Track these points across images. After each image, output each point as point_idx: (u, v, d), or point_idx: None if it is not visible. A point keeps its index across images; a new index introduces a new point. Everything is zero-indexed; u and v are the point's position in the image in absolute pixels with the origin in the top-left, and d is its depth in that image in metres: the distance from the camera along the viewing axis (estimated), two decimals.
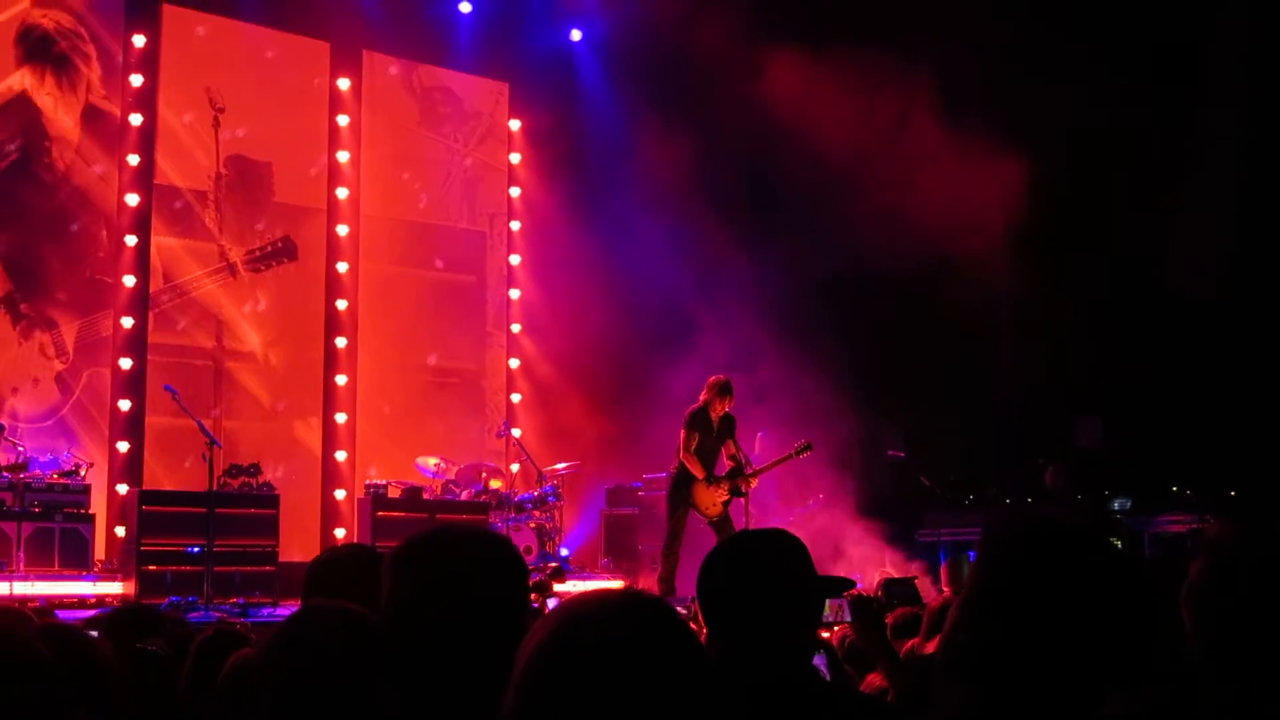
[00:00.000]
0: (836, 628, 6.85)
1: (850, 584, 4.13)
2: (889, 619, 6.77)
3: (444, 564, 2.72)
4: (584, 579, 15.75)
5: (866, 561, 14.62)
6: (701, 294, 16.75)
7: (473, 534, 2.84)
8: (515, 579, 2.78)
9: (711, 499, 13.47)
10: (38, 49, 15.51)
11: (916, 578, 11.45)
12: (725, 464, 13.81)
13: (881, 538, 15.23)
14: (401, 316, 18.12)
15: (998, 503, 15.75)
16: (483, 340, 19.03)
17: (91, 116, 15.78)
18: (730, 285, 16.81)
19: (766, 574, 3.37)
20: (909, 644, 6.29)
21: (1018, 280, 16.72)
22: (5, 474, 13.27)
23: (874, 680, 5.44)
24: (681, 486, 13.57)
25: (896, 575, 12.85)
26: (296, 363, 17.17)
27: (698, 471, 13.43)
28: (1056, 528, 2.42)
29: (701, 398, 13.63)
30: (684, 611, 7.18)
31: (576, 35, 19.24)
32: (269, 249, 16.97)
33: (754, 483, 13.69)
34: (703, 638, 3.41)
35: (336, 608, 2.93)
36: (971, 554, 14.36)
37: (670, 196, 17.00)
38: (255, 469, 14.87)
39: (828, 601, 8.97)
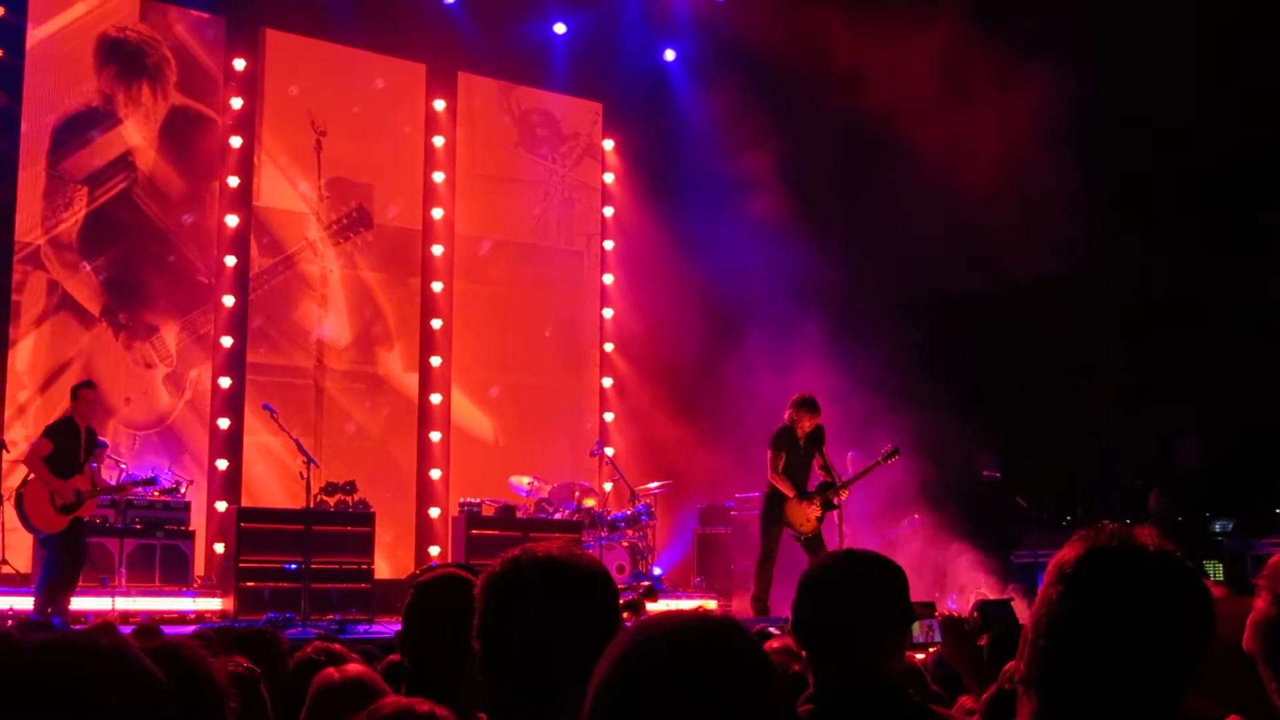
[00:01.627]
0: (929, 649, 6.79)
1: (931, 607, 4.13)
2: (983, 640, 6.70)
3: (534, 585, 2.72)
4: (677, 598, 15.74)
5: (961, 583, 14.48)
6: (795, 314, 16.68)
7: (562, 554, 2.82)
8: (604, 599, 2.77)
9: (804, 516, 13.36)
10: (132, 63, 15.81)
11: (1013, 599, 11.31)
12: (819, 477, 13.71)
13: (977, 559, 15.07)
14: (496, 336, 18.24)
15: (1094, 524, 15.54)
16: (576, 360, 19.10)
17: (190, 138, 16.04)
18: (824, 305, 16.74)
19: (864, 598, 3.37)
20: (1008, 666, 6.22)
21: (1116, 299, 16.55)
22: (108, 492, 13.46)
23: (965, 703, 5.39)
24: (774, 505, 13.49)
25: (992, 597, 12.71)
26: (393, 382, 17.33)
27: (787, 490, 13.34)
28: (1127, 548, 2.39)
29: (786, 416, 13.56)
30: (776, 632, 7.15)
31: (670, 55, 19.28)
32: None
33: (845, 494, 13.54)
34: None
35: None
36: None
37: (764, 214, 16.97)
38: (351, 486, 15.00)
39: (918, 622, 8.91)
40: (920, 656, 6.40)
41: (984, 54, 15.12)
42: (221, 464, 15.77)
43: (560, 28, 18.48)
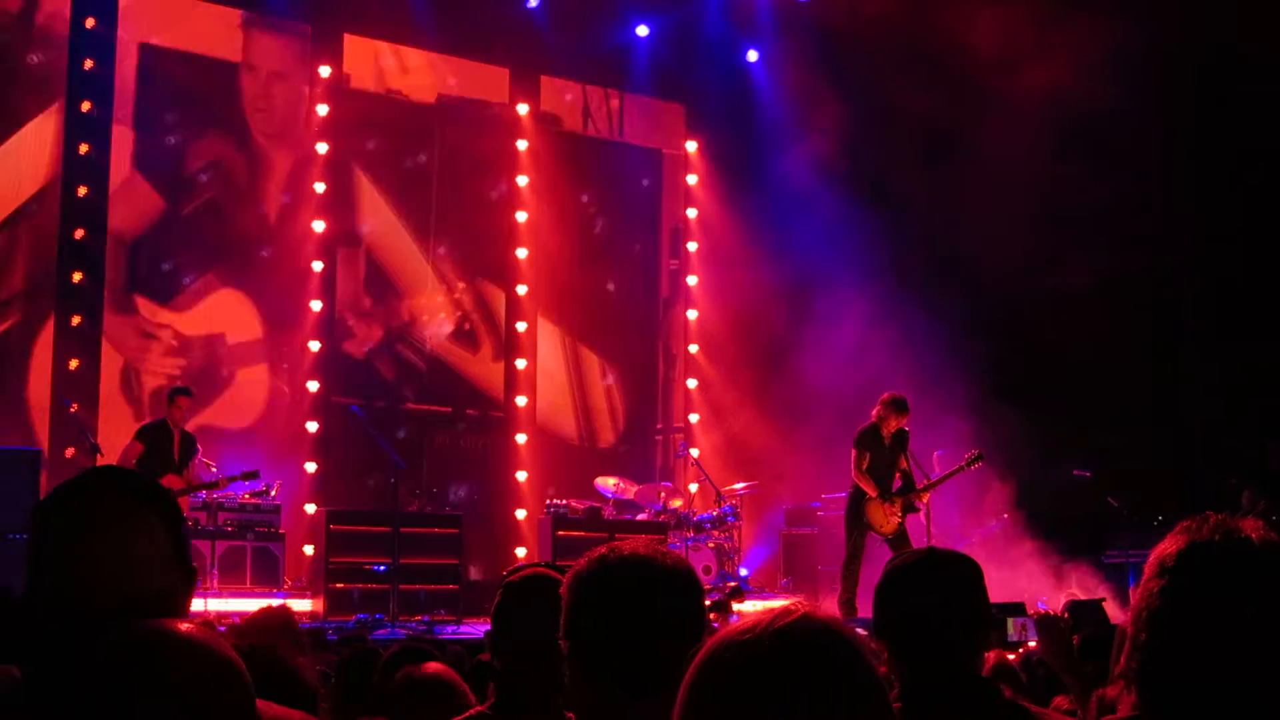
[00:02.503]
0: (1021, 648, 6.73)
1: (1017, 609, 4.10)
2: (1074, 640, 6.63)
3: (622, 583, 2.71)
4: (763, 599, 15.69)
5: (1051, 583, 14.34)
6: (881, 312, 16.59)
7: (649, 552, 2.81)
8: (691, 597, 2.76)
9: (885, 517, 13.24)
10: (222, 83, 16.05)
11: (1104, 599, 11.18)
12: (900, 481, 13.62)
13: (1067, 559, 14.91)
14: (580, 338, 18.31)
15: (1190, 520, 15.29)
16: (661, 361, 19.10)
17: (280, 147, 16.22)
18: (912, 304, 16.63)
19: (943, 594, 3.36)
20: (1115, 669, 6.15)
21: (1209, 295, 16.33)
22: (200, 494, 13.63)
23: (1061, 703, 5.33)
24: (856, 505, 13.41)
25: (1082, 597, 12.58)
26: (479, 383, 17.44)
27: (870, 489, 13.23)
28: (1231, 540, 2.35)
29: (873, 414, 13.46)
30: (864, 633, 7.10)
31: (753, 56, 19.22)
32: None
33: (926, 498, 13.44)
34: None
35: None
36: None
37: (847, 213, 16.90)
38: (439, 489, 15.08)
39: (1010, 620, 8.84)
40: (1011, 656, 6.35)
41: (1071, 41, 14.98)
42: (310, 466, 15.91)
43: (643, 30, 18.48)
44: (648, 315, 19.21)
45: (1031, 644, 7.45)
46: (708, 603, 2.95)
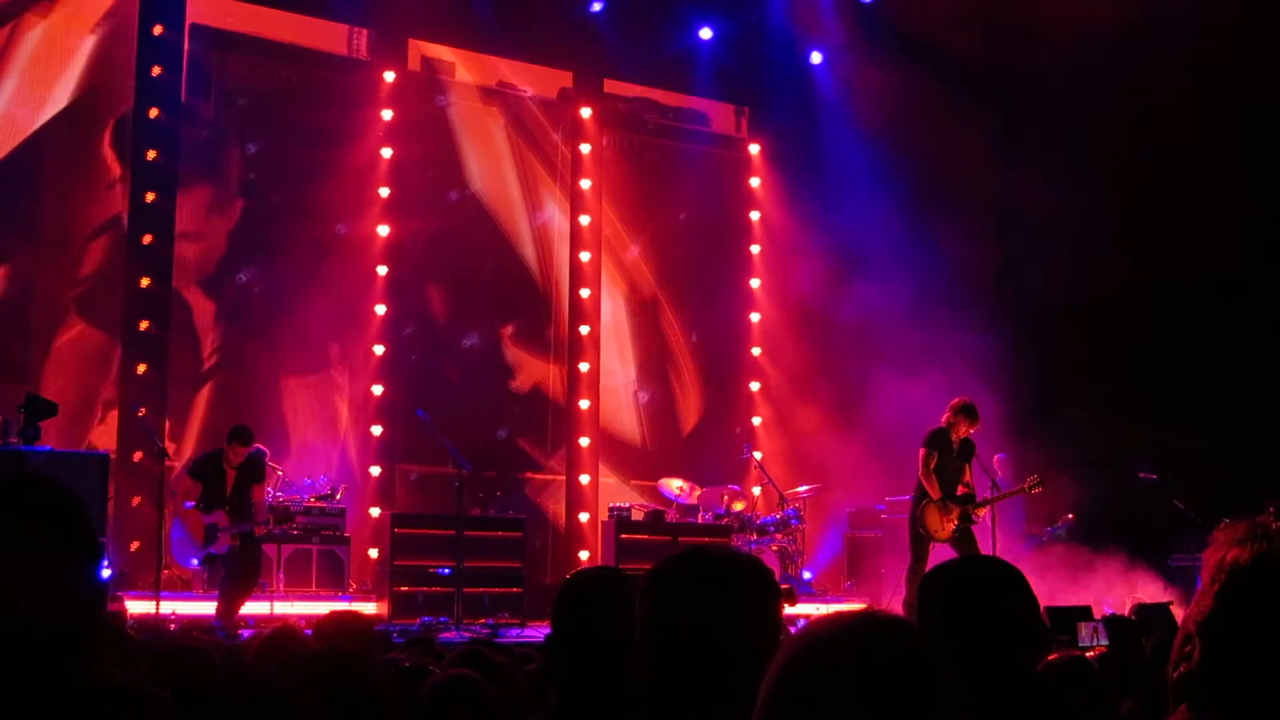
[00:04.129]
0: (1090, 652, 6.67)
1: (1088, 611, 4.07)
2: (1146, 643, 6.57)
3: (701, 586, 2.69)
4: (827, 602, 15.66)
5: (1117, 587, 14.21)
6: (944, 314, 16.50)
7: (727, 552, 2.82)
8: (770, 600, 2.74)
9: (941, 522, 13.16)
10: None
11: (1171, 603, 11.07)
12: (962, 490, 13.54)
13: (1133, 563, 14.78)
14: (643, 342, 18.34)
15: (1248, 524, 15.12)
16: (725, 364, 19.06)
17: (342, 150, 16.31)
18: (974, 306, 16.55)
19: (975, 604, 3.34)
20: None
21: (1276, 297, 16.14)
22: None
23: (1133, 706, 5.28)
24: (917, 508, 13.34)
25: (1148, 601, 12.46)
26: (540, 388, 17.49)
27: (934, 491, 13.13)
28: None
29: (944, 419, 13.36)
30: None
31: (817, 58, 19.14)
32: None
33: (982, 513, 13.34)
34: None
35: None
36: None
37: (912, 215, 16.84)
38: (500, 493, 15.11)
39: (1080, 625, 8.76)
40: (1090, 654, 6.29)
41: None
42: (375, 470, 15.99)
43: (706, 33, 18.46)
44: (716, 319, 19.12)
45: (1102, 647, 7.38)
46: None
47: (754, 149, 19.52)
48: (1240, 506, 15.16)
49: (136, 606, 12.25)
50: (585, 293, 17.84)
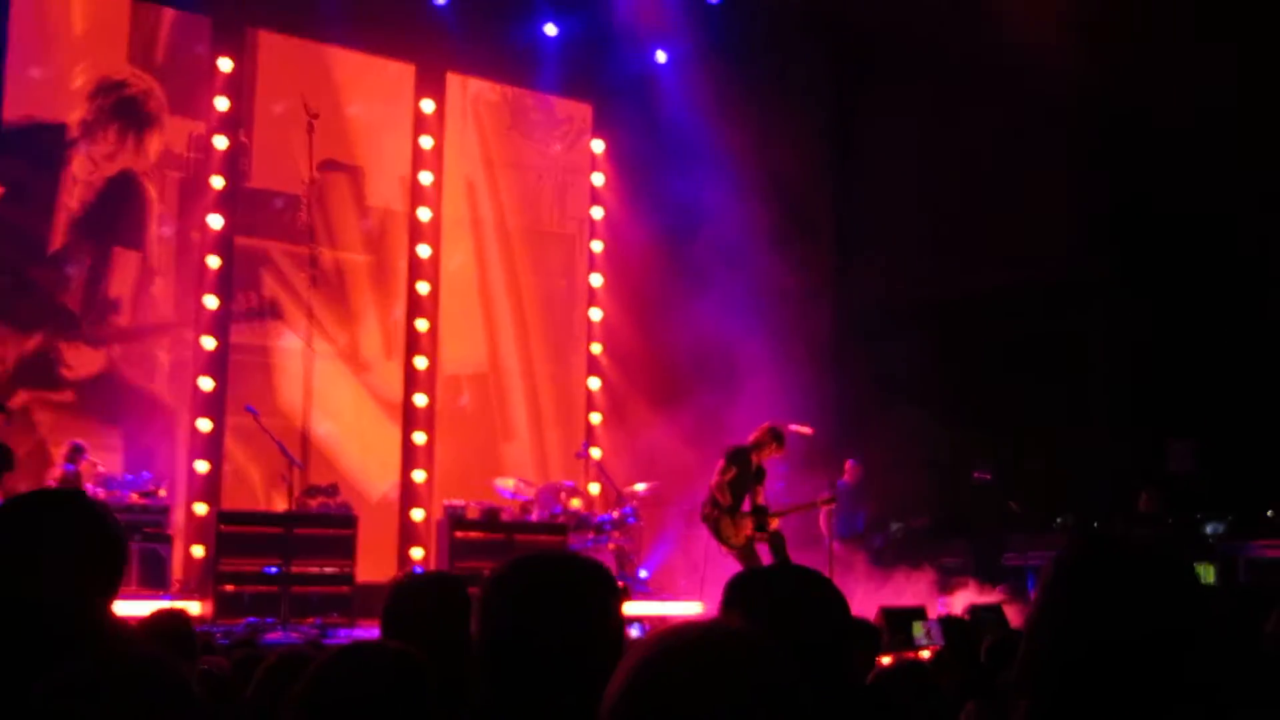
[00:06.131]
0: (927, 650, 6.66)
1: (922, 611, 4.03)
2: (984, 645, 6.57)
3: (542, 591, 2.67)
4: (662, 600, 15.68)
5: (949, 585, 14.38)
6: (788, 317, 16.59)
7: (568, 557, 2.81)
8: (611, 603, 2.73)
9: (734, 531, 13.37)
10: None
11: (1003, 602, 11.21)
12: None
13: (965, 562, 14.99)
14: (481, 337, 18.15)
15: (1085, 527, 15.45)
16: (563, 361, 18.94)
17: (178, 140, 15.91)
18: (816, 309, 16.66)
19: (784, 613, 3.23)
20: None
21: (1108, 301, 16.46)
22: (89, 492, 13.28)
23: (972, 708, 5.25)
24: (712, 515, 13.51)
25: (981, 601, 12.63)
26: (377, 380, 17.19)
27: (725, 499, 13.32)
28: (1121, 545, 2.38)
29: (752, 438, 13.55)
30: None
31: (661, 57, 19.11)
32: None
33: (775, 523, 13.55)
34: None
35: (383, 647, 2.93)
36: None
37: (756, 219, 16.90)
38: (333, 489, 14.88)
39: (917, 623, 8.82)
40: (925, 654, 6.29)
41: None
42: (201, 466, 15.57)
43: (551, 29, 18.32)
44: (556, 316, 18.99)
45: (936, 645, 7.39)
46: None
47: (598, 146, 19.40)
48: (1073, 508, 15.52)
49: None
50: (424, 288, 17.54)
